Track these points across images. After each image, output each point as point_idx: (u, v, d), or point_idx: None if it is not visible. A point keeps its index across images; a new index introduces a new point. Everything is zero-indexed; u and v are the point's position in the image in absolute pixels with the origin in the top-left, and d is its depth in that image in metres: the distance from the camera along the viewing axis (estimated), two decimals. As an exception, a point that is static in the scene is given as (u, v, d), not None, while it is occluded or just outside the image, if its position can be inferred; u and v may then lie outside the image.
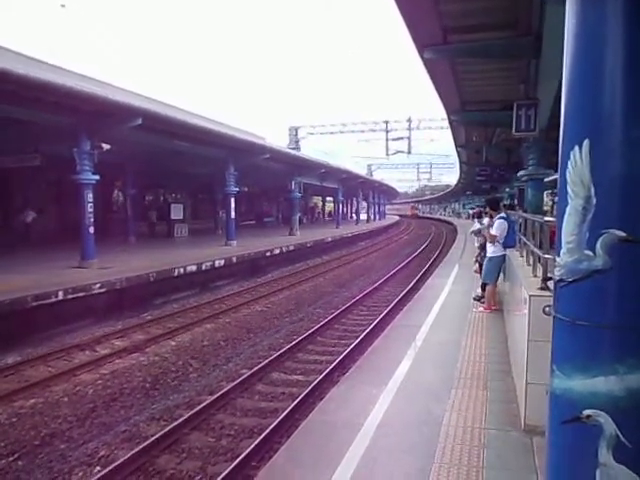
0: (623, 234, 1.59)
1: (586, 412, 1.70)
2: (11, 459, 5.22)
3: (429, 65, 9.94)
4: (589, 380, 1.71)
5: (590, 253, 1.67)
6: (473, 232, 10.00)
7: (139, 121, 12.73)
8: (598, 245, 1.65)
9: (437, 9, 7.54)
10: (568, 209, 1.72)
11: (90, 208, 12.97)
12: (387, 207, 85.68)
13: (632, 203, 1.60)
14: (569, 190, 1.72)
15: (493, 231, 8.07)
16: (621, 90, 1.61)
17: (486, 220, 9.15)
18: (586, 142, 1.65)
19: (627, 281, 1.65)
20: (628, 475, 1.66)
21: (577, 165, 1.67)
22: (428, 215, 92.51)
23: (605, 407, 1.68)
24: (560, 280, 1.79)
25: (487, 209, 9.10)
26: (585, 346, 1.73)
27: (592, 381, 1.70)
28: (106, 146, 12.82)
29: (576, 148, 1.67)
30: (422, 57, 9.05)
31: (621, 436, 1.66)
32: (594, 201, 1.64)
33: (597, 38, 1.64)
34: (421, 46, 8.70)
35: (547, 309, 1.98)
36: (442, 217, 77.40)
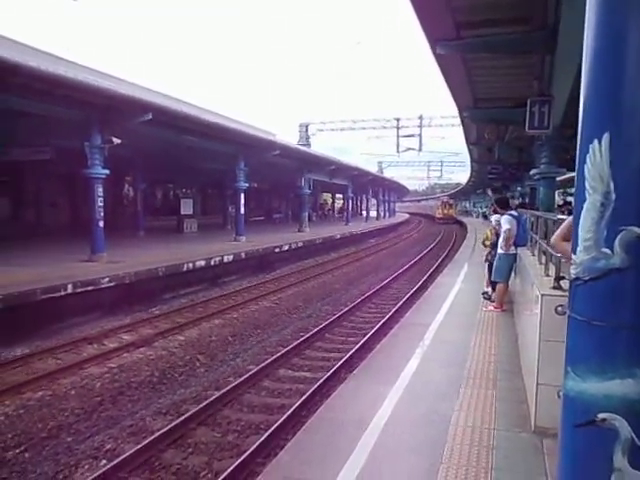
0: (643, 231, 1.53)
1: (601, 415, 1.64)
2: (18, 451, 5.24)
3: (441, 61, 9.83)
4: (604, 382, 1.65)
5: (608, 251, 1.61)
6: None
7: (149, 116, 12.74)
8: (616, 243, 1.58)
9: (450, 3, 7.44)
10: (586, 205, 1.66)
11: (100, 202, 13.01)
12: (399, 205, 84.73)
13: (653, 199, 1.54)
14: (587, 186, 1.65)
15: (504, 226, 7.95)
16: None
17: (494, 217, 9.06)
18: (606, 135, 1.58)
19: (646, 280, 1.58)
20: (645, 481, 1.60)
21: (596, 159, 1.61)
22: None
23: (620, 411, 1.62)
24: (576, 278, 1.72)
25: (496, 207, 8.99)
26: (601, 347, 1.67)
27: (607, 384, 1.64)
28: (116, 140, 12.84)
29: (595, 142, 1.61)
30: (434, 52, 8.95)
31: (637, 441, 1.60)
32: (613, 197, 1.58)
33: (620, 27, 1.57)
34: (433, 41, 8.60)
35: (559, 308, 1.92)
36: None
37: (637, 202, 1.57)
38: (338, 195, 54.26)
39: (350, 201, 41.44)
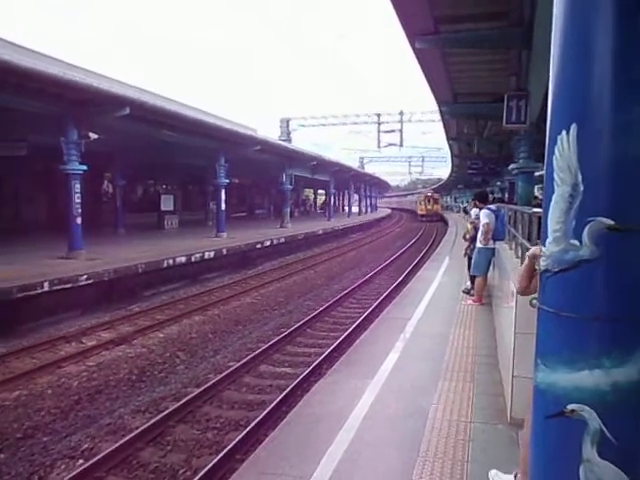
0: (611, 222, 1.52)
1: (570, 406, 1.64)
2: (-8, 452, 5.14)
3: (420, 55, 9.86)
4: (574, 374, 1.64)
5: (576, 242, 1.60)
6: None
7: (127, 110, 12.55)
8: (585, 234, 1.58)
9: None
10: (554, 197, 1.66)
11: (77, 198, 12.79)
12: (384, 200, 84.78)
13: (620, 190, 1.54)
14: (555, 177, 1.65)
15: (482, 220, 8.02)
16: (610, 72, 1.54)
17: (474, 211, 9.12)
18: (573, 126, 1.58)
19: (614, 271, 1.58)
20: (613, 472, 1.60)
21: (564, 151, 1.60)
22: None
23: (590, 402, 1.63)
24: (545, 270, 1.72)
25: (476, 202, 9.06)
26: (570, 338, 1.67)
27: (577, 375, 1.64)
28: (93, 135, 12.65)
29: (563, 133, 1.60)
30: (413, 47, 8.97)
31: (606, 432, 1.60)
32: (581, 188, 1.57)
33: (587, 17, 1.57)
34: (412, 35, 8.62)
35: (534, 301, 1.92)
36: None
37: (605, 193, 1.57)
38: (320, 191, 54.19)
39: (332, 197, 41.37)
